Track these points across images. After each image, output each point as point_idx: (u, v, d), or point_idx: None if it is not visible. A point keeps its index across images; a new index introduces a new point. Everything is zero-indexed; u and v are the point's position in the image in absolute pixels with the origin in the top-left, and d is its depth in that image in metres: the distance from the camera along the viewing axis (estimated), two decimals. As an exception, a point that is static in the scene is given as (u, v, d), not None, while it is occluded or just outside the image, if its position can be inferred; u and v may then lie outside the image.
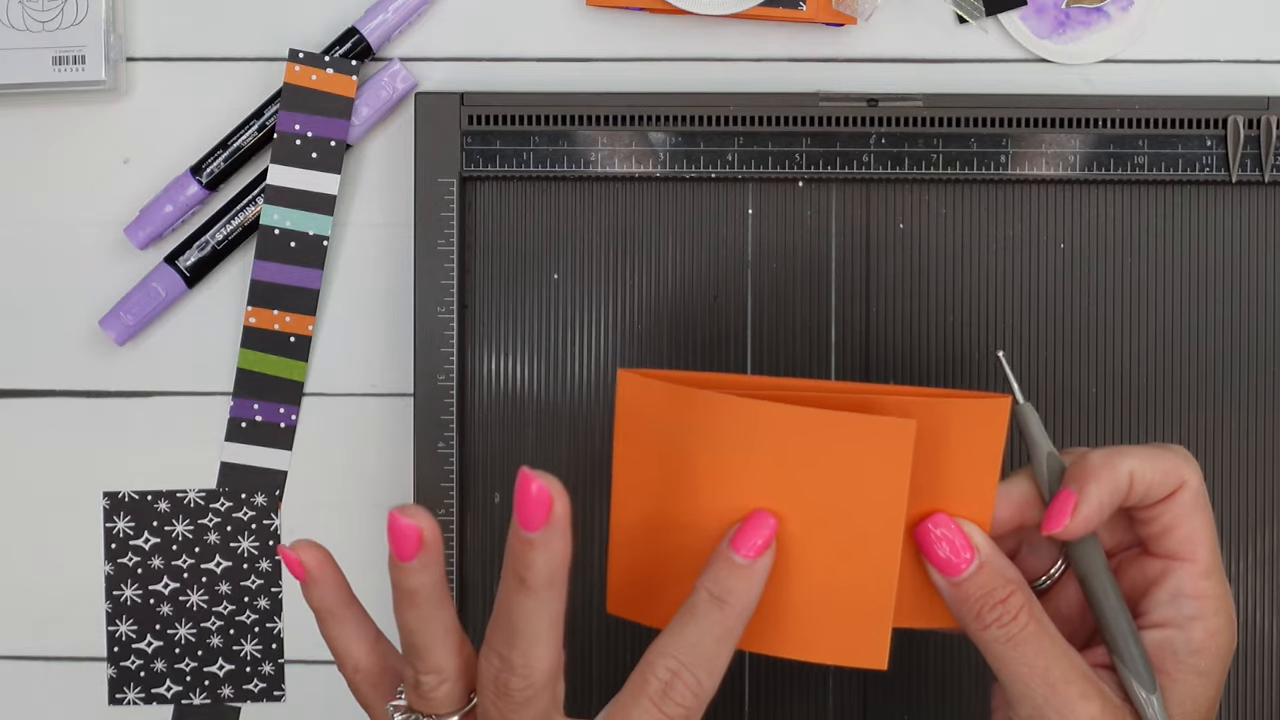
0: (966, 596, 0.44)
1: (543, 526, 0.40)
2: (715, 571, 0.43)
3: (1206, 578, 0.45)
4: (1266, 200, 0.62)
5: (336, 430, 0.65)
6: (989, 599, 0.44)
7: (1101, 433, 0.62)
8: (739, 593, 0.43)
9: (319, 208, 0.63)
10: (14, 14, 0.63)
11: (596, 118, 0.62)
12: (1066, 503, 0.45)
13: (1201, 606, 0.45)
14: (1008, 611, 0.44)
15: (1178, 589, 0.45)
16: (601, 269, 0.63)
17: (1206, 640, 0.45)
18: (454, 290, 0.62)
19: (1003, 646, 0.44)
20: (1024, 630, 0.44)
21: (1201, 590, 0.45)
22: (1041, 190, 0.63)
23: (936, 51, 0.64)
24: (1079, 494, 0.44)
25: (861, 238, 0.63)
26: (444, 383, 0.62)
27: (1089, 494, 0.44)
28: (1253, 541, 0.62)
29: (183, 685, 0.64)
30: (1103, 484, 0.44)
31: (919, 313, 0.63)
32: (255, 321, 0.64)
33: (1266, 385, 0.62)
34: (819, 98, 0.62)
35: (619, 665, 0.62)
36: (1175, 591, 0.45)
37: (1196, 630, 0.45)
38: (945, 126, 0.62)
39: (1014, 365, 0.63)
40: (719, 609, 0.43)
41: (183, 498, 0.64)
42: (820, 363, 0.63)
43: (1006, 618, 0.44)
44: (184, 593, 0.64)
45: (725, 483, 0.44)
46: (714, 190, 0.63)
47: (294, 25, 0.64)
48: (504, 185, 0.63)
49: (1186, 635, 0.45)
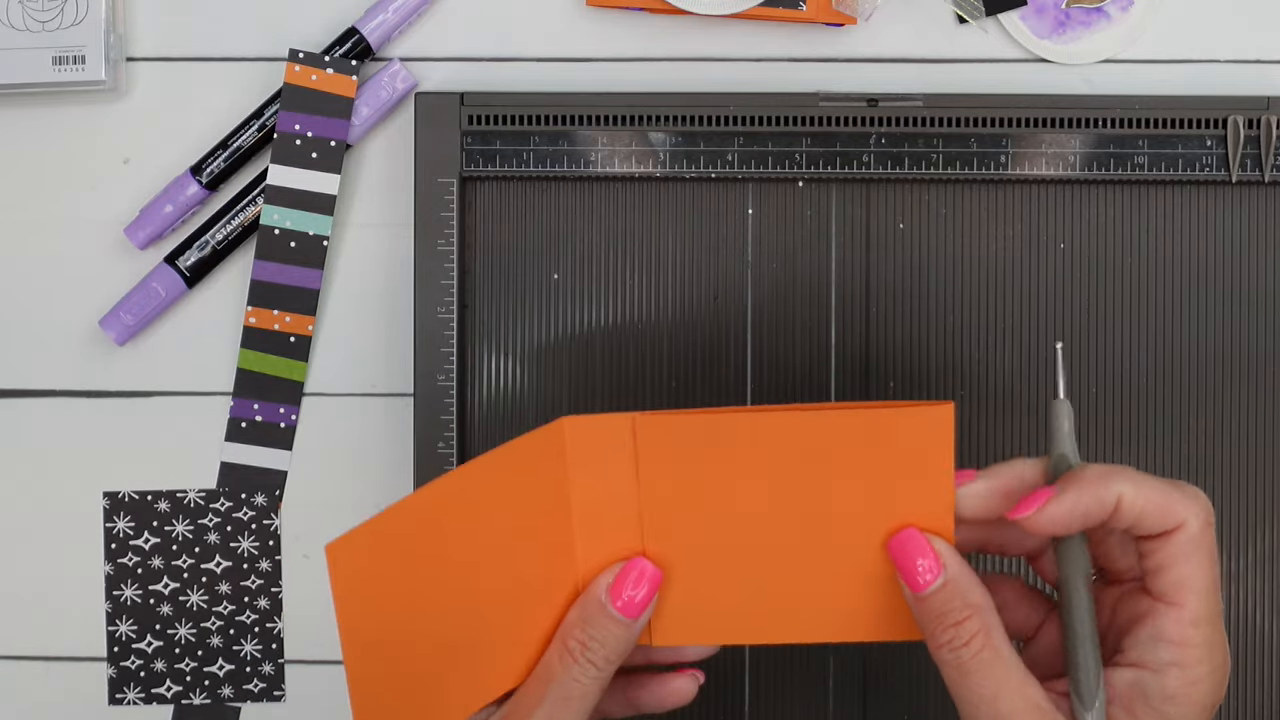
0: (927, 612, 0.44)
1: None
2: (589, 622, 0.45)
3: (1194, 625, 0.43)
4: (1266, 200, 0.62)
5: (336, 430, 0.65)
6: (945, 619, 0.44)
7: (1101, 432, 0.62)
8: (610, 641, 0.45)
9: (319, 208, 0.63)
10: (14, 14, 0.63)
11: (596, 118, 0.62)
12: (1040, 496, 0.44)
13: (1182, 654, 0.43)
14: (960, 636, 0.44)
15: (1158, 632, 0.44)
16: (601, 269, 0.63)
17: (1183, 689, 0.43)
18: (454, 290, 0.62)
19: (953, 670, 0.44)
20: (975, 656, 0.43)
21: (1185, 638, 0.43)
22: (1041, 190, 0.63)
23: (936, 51, 0.64)
24: (1056, 493, 0.44)
25: (861, 238, 0.63)
26: (444, 383, 0.62)
27: (1065, 497, 0.43)
28: (1253, 541, 0.62)
29: (183, 685, 0.64)
30: (1084, 494, 0.43)
31: (919, 313, 0.63)
32: (255, 321, 0.64)
33: (1266, 385, 0.62)
34: (819, 98, 0.62)
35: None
36: (1155, 634, 0.44)
37: (1171, 677, 0.43)
38: (945, 126, 0.62)
39: (1014, 365, 0.63)
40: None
41: (183, 498, 0.64)
42: (820, 363, 0.63)
43: (958, 641, 0.44)
44: (184, 593, 0.64)
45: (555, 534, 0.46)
46: (714, 190, 0.63)
47: (294, 25, 0.64)
48: (504, 185, 0.63)
49: (1160, 680, 0.44)
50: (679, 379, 0.63)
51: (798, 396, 0.62)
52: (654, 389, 0.63)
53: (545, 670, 0.45)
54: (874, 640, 0.46)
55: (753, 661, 0.63)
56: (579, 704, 0.45)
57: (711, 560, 0.46)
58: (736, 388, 0.63)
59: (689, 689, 0.49)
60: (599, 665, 0.45)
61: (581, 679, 0.45)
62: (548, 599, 0.46)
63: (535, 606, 0.46)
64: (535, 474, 0.45)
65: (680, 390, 0.63)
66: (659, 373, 0.63)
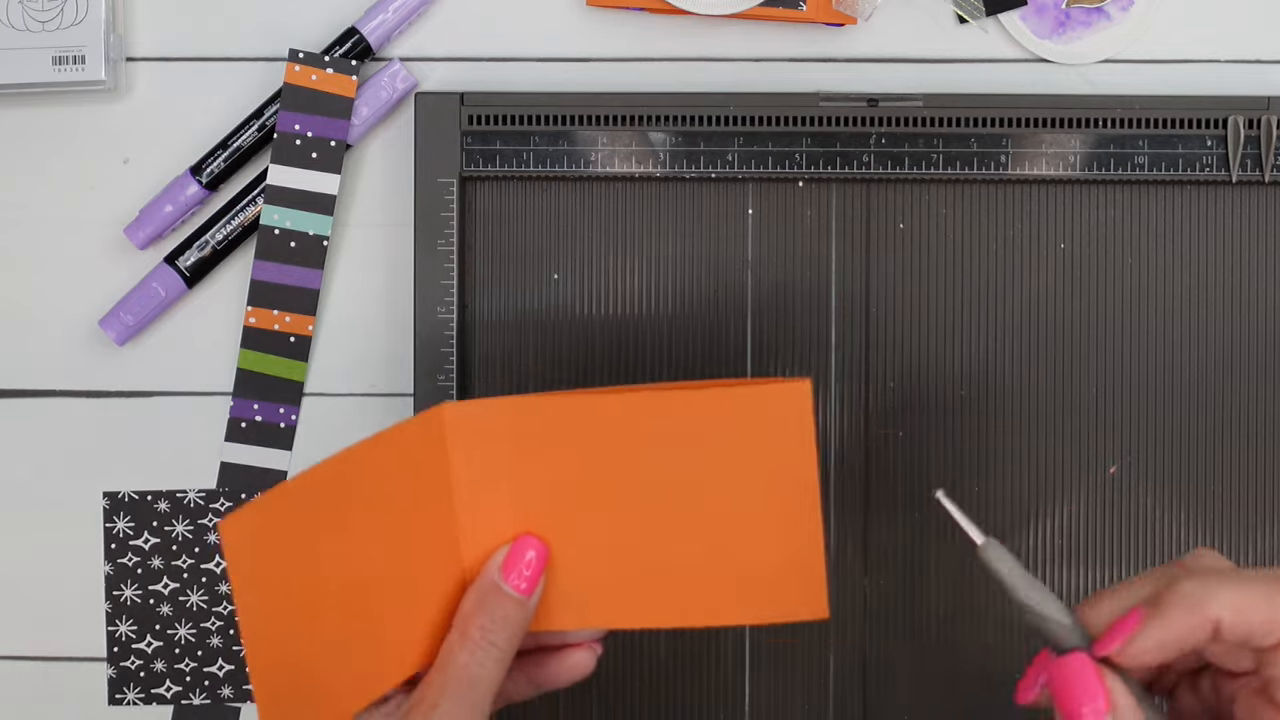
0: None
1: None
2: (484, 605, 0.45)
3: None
4: (1266, 200, 0.62)
5: (336, 430, 0.65)
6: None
7: (1101, 432, 0.62)
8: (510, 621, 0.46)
9: (319, 208, 0.63)
10: (14, 14, 0.63)
11: (596, 118, 0.62)
12: (1126, 627, 0.40)
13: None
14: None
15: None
16: (601, 269, 0.63)
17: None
18: (454, 290, 0.62)
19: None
20: None
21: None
22: (1041, 190, 0.63)
23: (936, 51, 0.64)
24: (1142, 622, 0.40)
25: (861, 238, 0.63)
26: (444, 383, 0.62)
27: (1152, 627, 0.39)
28: (1253, 541, 0.62)
29: (183, 685, 0.64)
30: (1173, 622, 0.39)
31: (919, 313, 0.63)
32: (255, 321, 0.64)
33: (1266, 385, 0.62)
34: (819, 98, 0.62)
35: (619, 665, 0.63)
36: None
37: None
38: (945, 126, 0.62)
39: (1014, 365, 0.63)
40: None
41: (183, 498, 0.64)
42: (820, 363, 0.63)
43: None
44: (184, 593, 0.64)
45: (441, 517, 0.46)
46: (714, 190, 0.63)
47: (294, 25, 0.64)
48: (504, 185, 0.63)
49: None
50: (679, 378, 0.63)
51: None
52: (654, 389, 0.63)
53: (447, 657, 0.45)
54: (751, 624, 0.47)
55: (753, 661, 0.63)
56: (484, 687, 0.45)
57: (591, 543, 0.46)
58: (736, 388, 0.63)
59: (587, 662, 0.49)
60: (500, 646, 0.45)
61: (485, 662, 0.45)
62: (438, 586, 0.46)
63: (426, 593, 0.46)
64: (416, 461, 0.45)
65: (680, 390, 0.63)
66: (659, 373, 0.63)
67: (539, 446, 0.46)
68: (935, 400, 0.62)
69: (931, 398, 0.63)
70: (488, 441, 0.46)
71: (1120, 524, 0.62)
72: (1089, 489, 0.62)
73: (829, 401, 0.63)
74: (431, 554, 0.46)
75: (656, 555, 0.46)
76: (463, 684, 0.44)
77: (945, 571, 0.62)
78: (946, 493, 0.45)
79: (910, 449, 0.63)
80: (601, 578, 0.47)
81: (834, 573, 0.63)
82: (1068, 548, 0.62)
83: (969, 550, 0.43)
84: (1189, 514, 0.62)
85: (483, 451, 0.46)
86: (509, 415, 0.46)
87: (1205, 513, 0.62)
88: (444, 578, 0.46)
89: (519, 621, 0.45)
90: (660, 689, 0.63)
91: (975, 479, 0.62)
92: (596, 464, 0.46)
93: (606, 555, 0.46)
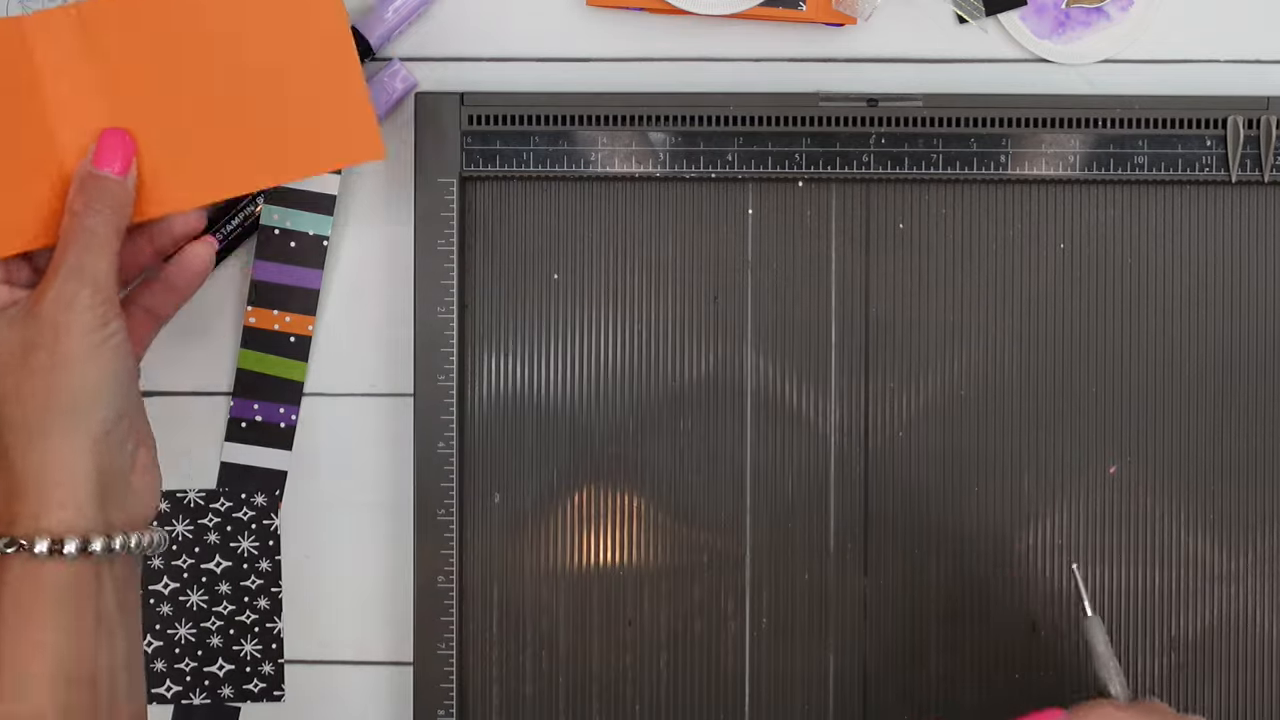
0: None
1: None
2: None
3: None
4: (1266, 200, 0.62)
5: (336, 430, 0.65)
6: None
7: (1101, 432, 0.62)
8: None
9: (319, 208, 0.63)
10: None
11: (596, 118, 0.62)
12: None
13: None
14: None
15: None
16: (601, 269, 0.63)
17: None
18: (454, 290, 0.62)
19: None
20: None
21: None
22: (1041, 190, 0.63)
23: (936, 51, 0.64)
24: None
25: (861, 238, 0.63)
26: (444, 383, 0.62)
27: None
28: (1253, 541, 0.62)
29: (183, 685, 0.64)
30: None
31: (919, 313, 0.63)
32: (255, 321, 0.64)
33: (1266, 385, 0.62)
34: (819, 98, 0.62)
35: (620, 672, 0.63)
36: None
37: None
38: (945, 126, 0.62)
39: (1014, 365, 0.63)
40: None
41: (183, 498, 0.64)
42: (820, 363, 0.63)
43: None
44: (184, 593, 0.64)
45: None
46: (714, 190, 0.63)
47: (294, 25, 0.64)
48: (504, 185, 0.63)
49: None
50: (679, 378, 0.63)
51: (798, 397, 0.62)
52: (654, 388, 0.63)
53: (64, 235, 0.52)
54: (317, 173, 0.59)
55: (753, 662, 0.63)
56: (101, 236, 0.52)
57: (170, 129, 0.55)
58: (737, 387, 0.63)
59: (206, 253, 0.57)
60: (107, 214, 0.52)
61: (95, 222, 0.52)
62: (45, 184, 0.54)
63: (30, 185, 0.54)
64: (4, 75, 0.54)
65: (681, 390, 0.63)
66: (660, 377, 0.63)
67: (108, 46, 0.54)
68: (935, 400, 0.63)
69: (931, 397, 0.63)
70: (71, 58, 0.54)
71: (1120, 524, 0.62)
72: (1089, 489, 0.62)
73: (829, 401, 0.63)
74: (35, 154, 0.54)
75: (228, 132, 0.55)
76: (83, 245, 0.51)
77: (945, 572, 0.62)
78: (1079, 568, 0.59)
79: (910, 449, 0.63)
80: (184, 161, 0.55)
81: (834, 573, 0.63)
82: (1068, 548, 0.62)
83: (1078, 616, 0.54)
84: (1189, 514, 0.62)
85: (69, 65, 0.54)
86: (78, 23, 0.54)
87: (1205, 513, 0.62)
88: (49, 177, 0.54)
89: (119, 196, 0.53)
90: (660, 689, 0.63)
91: (975, 479, 0.62)
92: (161, 60, 0.54)
93: (184, 139, 0.55)
